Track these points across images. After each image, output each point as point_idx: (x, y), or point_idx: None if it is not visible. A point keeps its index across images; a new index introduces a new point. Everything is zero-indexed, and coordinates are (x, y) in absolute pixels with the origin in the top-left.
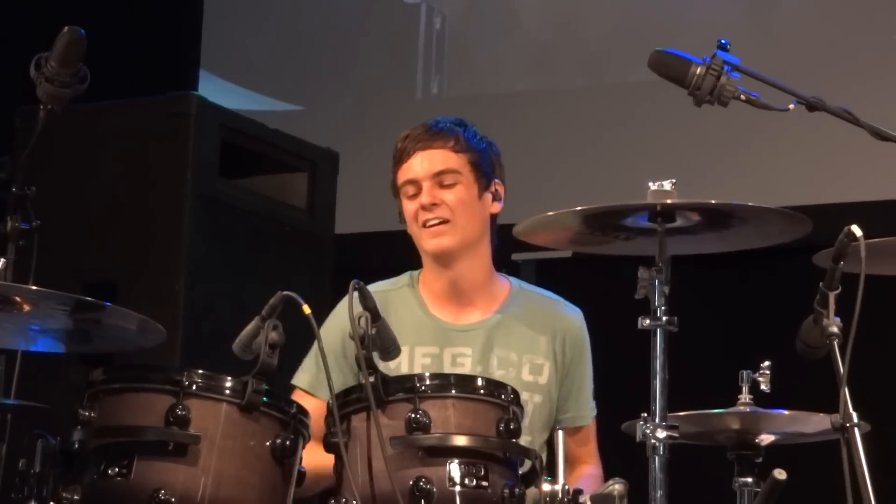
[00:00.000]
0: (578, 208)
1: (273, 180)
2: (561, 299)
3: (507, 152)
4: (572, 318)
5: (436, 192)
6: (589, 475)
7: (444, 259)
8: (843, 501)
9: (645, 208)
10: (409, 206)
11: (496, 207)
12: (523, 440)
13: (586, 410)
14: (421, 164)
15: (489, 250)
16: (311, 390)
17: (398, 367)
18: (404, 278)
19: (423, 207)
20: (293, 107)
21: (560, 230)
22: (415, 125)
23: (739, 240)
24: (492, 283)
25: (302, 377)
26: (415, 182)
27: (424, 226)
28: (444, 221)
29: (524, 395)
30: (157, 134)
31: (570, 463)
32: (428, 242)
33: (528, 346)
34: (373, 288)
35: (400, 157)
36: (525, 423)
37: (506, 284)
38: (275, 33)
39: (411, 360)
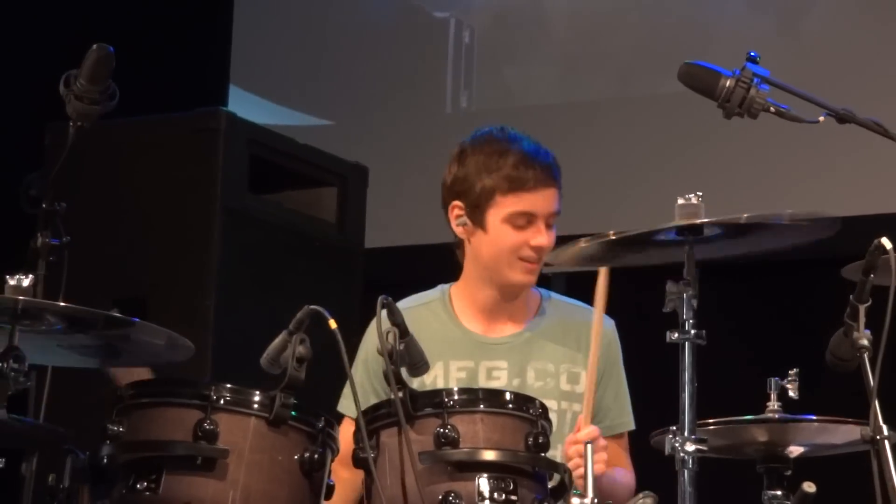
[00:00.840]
0: (611, 235)
1: (302, 195)
2: (589, 307)
3: None
4: (606, 327)
5: (547, 234)
6: (623, 474)
7: (516, 290)
8: None
9: (672, 229)
10: (512, 236)
11: None
12: (561, 449)
13: (627, 417)
14: (544, 202)
15: None
16: (353, 415)
17: (434, 381)
18: (435, 293)
19: (535, 247)
20: (322, 121)
21: (588, 251)
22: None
23: (766, 244)
24: (524, 299)
25: (346, 403)
26: (530, 215)
27: (525, 259)
28: (541, 261)
29: (563, 405)
30: (186, 149)
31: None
32: (520, 276)
33: (563, 355)
34: (402, 304)
35: (520, 185)
36: (564, 431)
37: (535, 295)
38: (303, 48)
39: (446, 375)
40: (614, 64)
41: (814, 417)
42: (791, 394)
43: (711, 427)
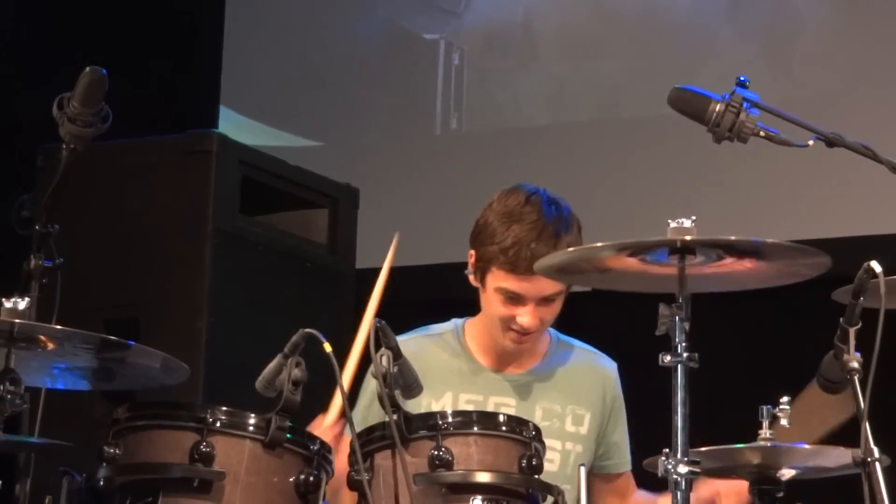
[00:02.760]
0: (598, 244)
1: (294, 216)
2: (598, 351)
3: None
4: (610, 370)
5: (537, 313)
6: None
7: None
8: None
9: (664, 244)
10: (499, 308)
11: None
12: (566, 489)
13: (627, 457)
14: (535, 287)
15: None
16: None
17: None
18: (448, 325)
19: (519, 329)
20: (313, 143)
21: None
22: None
23: (759, 279)
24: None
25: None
26: (517, 297)
27: (513, 330)
28: (531, 332)
29: (567, 445)
30: (177, 171)
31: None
32: (508, 343)
33: (570, 397)
34: (415, 334)
35: (511, 267)
36: (567, 471)
37: (546, 337)
38: (294, 70)
39: (455, 406)
40: (604, 86)
41: (806, 446)
42: (783, 422)
43: (704, 450)
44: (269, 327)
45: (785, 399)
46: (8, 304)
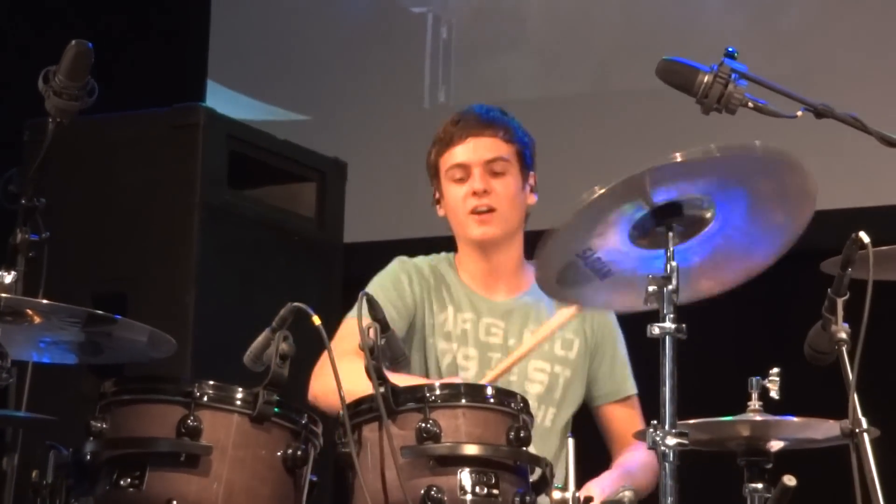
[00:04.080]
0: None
1: (281, 190)
2: None
3: None
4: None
5: (487, 179)
6: (639, 453)
7: (486, 246)
8: None
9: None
10: (455, 191)
11: (533, 199)
12: (551, 412)
13: (626, 384)
14: (475, 151)
15: (522, 239)
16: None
17: (444, 323)
18: (441, 256)
19: (475, 193)
20: (301, 117)
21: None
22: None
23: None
24: (522, 269)
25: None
26: (464, 167)
27: (473, 212)
28: (492, 210)
29: (556, 368)
30: (165, 145)
31: (620, 444)
32: (475, 230)
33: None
34: (419, 259)
35: (449, 141)
36: (556, 395)
37: (531, 270)
38: (282, 44)
39: (455, 322)
40: (592, 59)
41: (795, 419)
42: (772, 394)
43: (692, 422)
44: (257, 301)
45: (774, 370)
46: None
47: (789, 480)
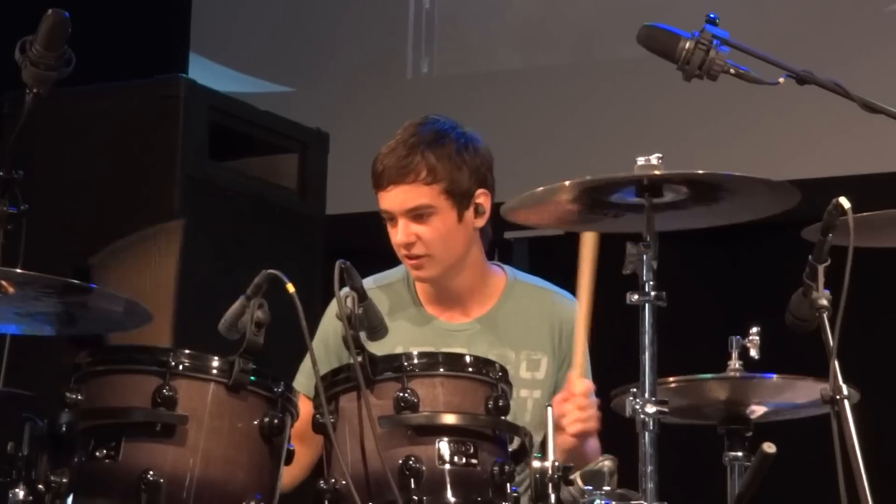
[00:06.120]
0: (566, 183)
1: (263, 162)
2: (556, 289)
3: (497, 130)
4: (569, 308)
5: (410, 228)
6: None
7: (432, 282)
8: (833, 474)
9: (631, 182)
10: (391, 231)
11: (481, 221)
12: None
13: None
14: (394, 199)
15: (480, 254)
16: (308, 393)
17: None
18: (398, 273)
19: (396, 244)
20: (283, 88)
21: (548, 209)
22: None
23: (727, 214)
24: (485, 282)
25: (301, 381)
26: (390, 213)
27: (406, 257)
28: (422, 256)
29: (523, 393)
30: (146, 117)
31: None
32: (411, 273)
33: (524, 341)
34: (365, 283)
35: (377, 182)
36: (526, 419)
37: (501, 278)
38: (263, 14)
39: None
40: (576, 29)
41: (774, 376)
42: (752, 353)
43: (672, 385)
44: (239, 272)
45: (755, 329)
46: None
47: (769, 448)
